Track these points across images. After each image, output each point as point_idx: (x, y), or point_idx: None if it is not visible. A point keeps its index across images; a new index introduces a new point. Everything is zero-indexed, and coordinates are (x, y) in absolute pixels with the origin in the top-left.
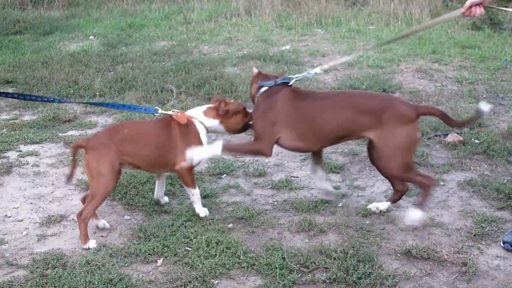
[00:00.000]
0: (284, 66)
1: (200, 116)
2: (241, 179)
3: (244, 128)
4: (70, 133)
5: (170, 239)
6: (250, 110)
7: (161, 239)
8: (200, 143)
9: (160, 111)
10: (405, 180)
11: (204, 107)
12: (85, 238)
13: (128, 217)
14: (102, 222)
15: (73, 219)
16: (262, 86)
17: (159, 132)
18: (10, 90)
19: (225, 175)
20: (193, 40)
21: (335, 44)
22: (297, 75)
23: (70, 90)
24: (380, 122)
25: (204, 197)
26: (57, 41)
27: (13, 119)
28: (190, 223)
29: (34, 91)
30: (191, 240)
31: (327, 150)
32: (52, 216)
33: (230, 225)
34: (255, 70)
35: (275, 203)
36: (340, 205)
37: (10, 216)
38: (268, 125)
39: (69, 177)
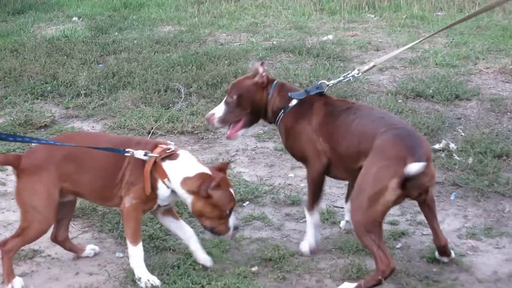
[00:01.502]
0: (325, 62)
1: (175, 180)
2: (268, 208)
3: (211, 230)
4: None
5: (176, 285)
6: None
7: (164, 285)
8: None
9: (133, 152)
10: (364, 245)
11: (194, 170)
12: (9, 275)
13: (121, 255)
14: (90, 248)
15: (49, 255)
16: (290, 99)
17: (109, 157)
18: None
19: (247, 202)
20: (207, 25)
21: (393, 34)
22: (331, 82)
23: (47, 86)
24: (369, 151)
25: None
26: (30, 22)
27: None
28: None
29: (0, 86)
30: (203, 287)
31: None
32: (22, 250)
33: (254, 269)
34: (261, 70)
35: None
36: (398, 246)
37: None
38: (312, 145)
39: None
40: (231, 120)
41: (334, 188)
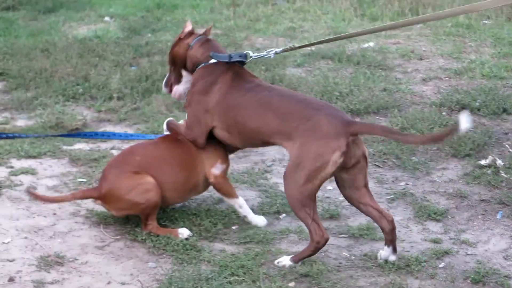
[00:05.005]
0: (366, 70)
1: None
2: None
3: None
4: (77, 146)
5: None
6: None
7: None
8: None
9: None
10: (299, 218)
11: None
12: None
13: (154, 265)
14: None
15: (81, 262)
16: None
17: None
18: (0, 85)
19: (284, 214)
20: (242, 29)
21: (437, 43)
22: (255, 54)
23: (78, 88)
24: (296, 132)
25: (257, 242)
26: (61, 22)
27: (3, 123)
28: (236, 277)
29: (31, 87)
30: None
31: (424, 190)
32: (53, 256)
33: (291, 284)
34: (189, 26)
35: (352, 257)
36: (441, 265)
37: None
38: (202, 112)
39: None
40: (170, 81)
41: None
